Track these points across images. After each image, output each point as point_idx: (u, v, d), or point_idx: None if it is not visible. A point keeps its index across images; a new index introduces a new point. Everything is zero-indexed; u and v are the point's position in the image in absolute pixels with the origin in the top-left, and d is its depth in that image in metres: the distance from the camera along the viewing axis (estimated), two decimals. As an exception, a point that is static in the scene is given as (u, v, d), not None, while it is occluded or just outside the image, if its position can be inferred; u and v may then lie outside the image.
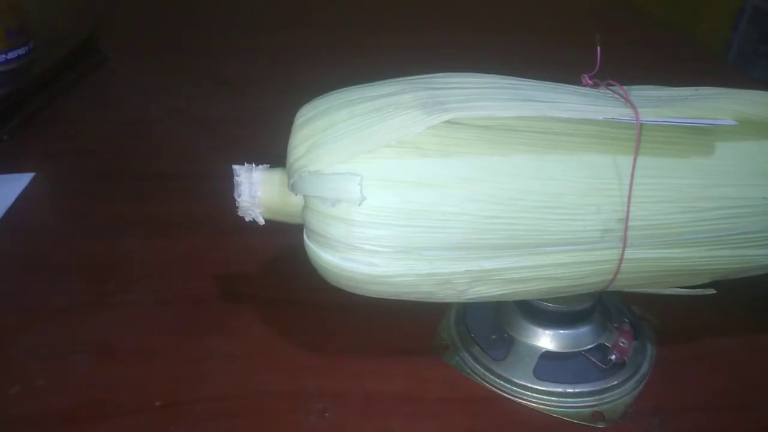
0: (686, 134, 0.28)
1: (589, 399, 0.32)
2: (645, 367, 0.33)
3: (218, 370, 0.33)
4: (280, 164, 0.30)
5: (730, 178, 0.28)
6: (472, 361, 0.33)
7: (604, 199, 0.27)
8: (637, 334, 0.34)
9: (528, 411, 0.31)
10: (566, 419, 0.31)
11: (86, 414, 0.31)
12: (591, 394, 0.32)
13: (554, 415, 0.31)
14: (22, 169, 0.50)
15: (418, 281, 0.27)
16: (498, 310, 0.35)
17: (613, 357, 0.32)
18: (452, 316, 0.36)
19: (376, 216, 0.26)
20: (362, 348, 0.35)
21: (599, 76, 0.30)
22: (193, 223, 0.45)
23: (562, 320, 0.33)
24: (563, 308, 0.32)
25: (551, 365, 0.32)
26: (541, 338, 0.33)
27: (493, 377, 0.32)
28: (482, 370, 0.33)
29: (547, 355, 0.32)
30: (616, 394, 0.32)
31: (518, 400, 0.32)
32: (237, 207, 0.30)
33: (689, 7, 0.86)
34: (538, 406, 0.31)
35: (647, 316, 0.37)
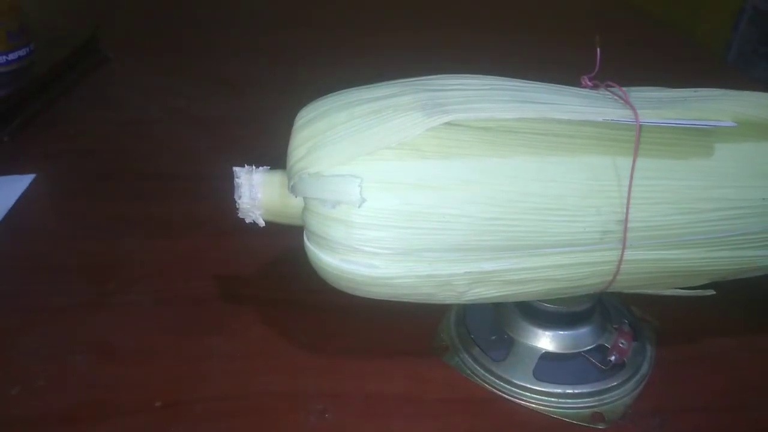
0: (685, 135, 0.28)
1: (589, 400, 0.32)
2: (645, 368, 0.33)
3: (218, 370, 0.33)
4: (280, 165, 0.30)
5: (730, 180, 0.28)
6: (472, 362, 0.33)
7: (603, 201, 0.27)
8: (636, 335, 0.34)
9: (528, 412, 0.31)
10: (566, 420, 0.31)
11: (86, 414, 0.31)
12: (591, 395, 0.32)
13: (554, 416, 0.31)
14: (23, 171, 0.50)
15: (418, 283, 0.27)
16: (498, 311, 0.35)
17: (613, 358, 0.32)
18: (452, 318, 0.36)
19: (376, 218, 0.26)
20: (362, 349, 0.35)
21: (599, 77, 0.30)
22: (193, 223, 0.45)
23: (561, 321, 0.33)
24: (563, 309, 0.32)
25: (551, 366, 0.32)
26: (540, 339, 0.33)
27: (493, 378, 0.32)
28: (482, 371, 0.33)
29: (547, 356, 0.32)
30: (616, 395, 0.32)
31: (518, 401, 0.32)
32: (237, 209, 0.30)
33: (689, 7, 0.86)
34: (537, 407, 0.31)
35: (647, 317, 0.37)
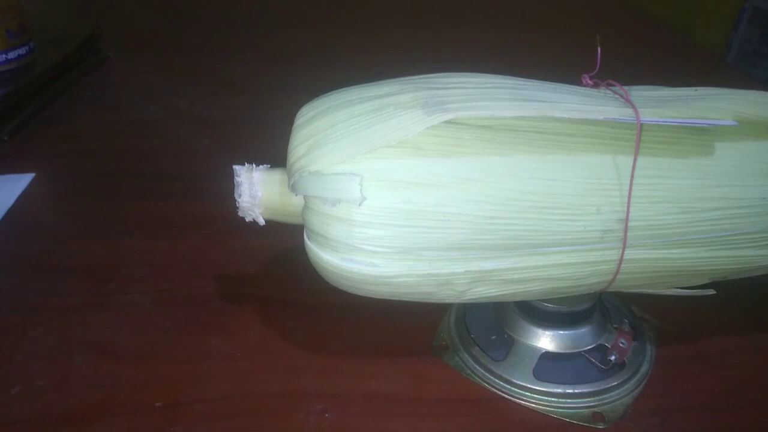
0: (686, 134, 0.28)
1: (589, 399, 0.32)
2: (645, 367, 0.33)
3: (218, 370, 0.33)
4: (280, 164, 0.30)
5: (730, 179, 0.28)
6: (471, 362, 0.33)
7: (604, 200, 0.27)
8: (636, 335, 0.34)
9: (528, 411, 0.31)
10: (566, 420, 0.31)
11: (86, 414, 0.31)
12: (591, 394, 0.32)
13: (554, 416, 0.31)
14: (23, 170, 0.50)
15: (418, 282, 0.27)
16: (498, 310, 0.35)
17: (613, 357, 0.32)
18: (452, 317, 0.36)
19: (376, 216, 0.26)
20: (362, 348, 0.35)
21: (599, 76, 0.30)
22: (193, 223, 0.45)
23: (561, 321, 0.33)
24: (563, 309, 0.32)
25: (551, 366, 0.32)
26: (540, 339, 0.33)
27: (492, 378, 0.32)
28: (482, 371, 0.33)
29: (547, 355, 0.32)
30: (616, 394, 0.32)
31: (518, 400, 0.32)
32: (237, 207, 0.30)
33: (689, 7, 0.86)
34: (537, 406, 0.31)
35: (647, 316, 0.37)
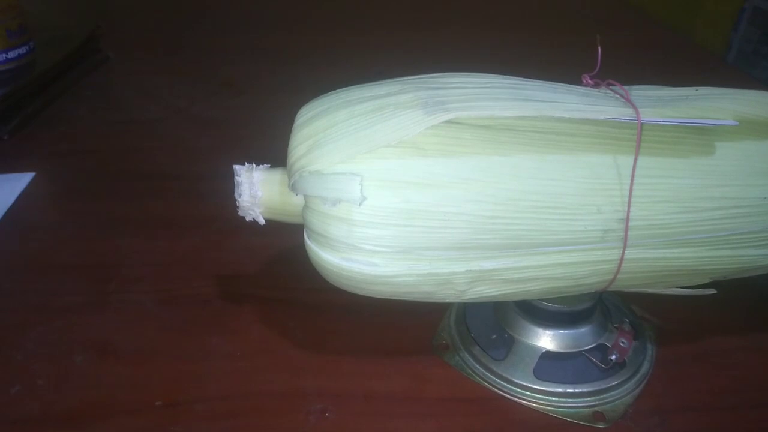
0: (687, 134, 0.28)
1: (590, 399, 0.32)
2: (645, 367, 0.33)
3: (218, 370, 0.33)
4: (280, 164, 0.30)
5: (731, 178, 0.28)
6: (472, 361, 0.33)
7: (604, 199, 0.27)
8: (637, 334, 0.34)
9: (528, 411, 0.31)
10: (566, 419, 0.31)
11: (86, 414, 0.31)
12: (591, 394, 0.32)
13: (554, 415, 0.31)
14: (23, 169, 0.50)
15: (418, 281, 0.27)
16: (498, 310, 0.35)
17: (614, 357, 0.32)
18: (452, 316, 0.36)
19: (376, 216, 0.26)
20: (362, 348, 0.35)
21: (600, 76, 0.30)
22: (193, 223, 0.45)
23: (562, 320, 0.33)
24: (563, 308, 0.32)
25: (551, 365, 0.32)
26: (541, 338, 0.33)
27: (493, 377, 0.32)
28: (482, 370, 0.33)
29: (548, 355, 0.32)
30: (617, 394, 0.32)
31: (518, 400, 0.32)
32: (237, 207, 0.30)
33: (689, 7, 0.86)
34: (538, 406, 0.31)
35: (647, 316, 0.37)
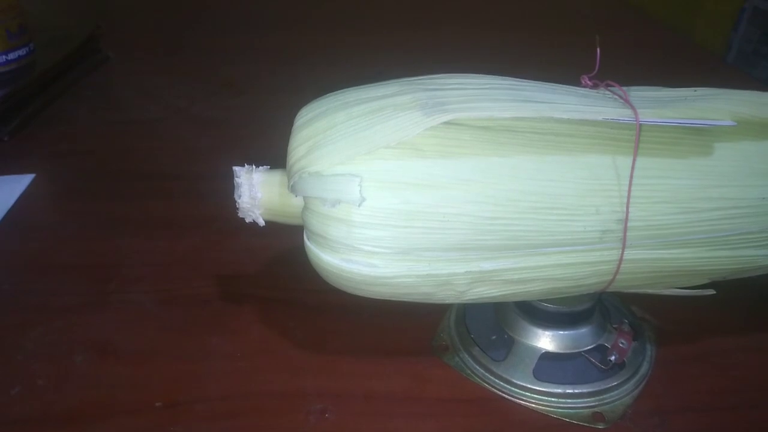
0: (685, 135, 0.28)
1: (589, 400, 0.32)
2: (645, 367, 0.33)
3: (218, 370, 0.33)
4: (280, 165, 0.30)
5: (729, 179, 0.28)
6: (471, 362, 0.33)
7: (603, 200, 0.27)
8: (636, 335, 0.34)
9: (528, 412, 0.31)
10: (566, 420, 0.31)
11: (86, 414, 0.31)
12: (591, 394, 0.32)
13: (554, 416, 0.31)
14: (23, 170, 0.50)
15: (417, 282, 0.27)
16: (498, 310, 0.35)
17: (613, 358, 0.32)
18: (452, 317, 0.36)
19: (375, 217, 0.26)
20: (362, 348, 0.35)
21: (599, 77, 0.30)
22: (193, 223, 0.45)
23: (561, 321, 0.33)
24: (563, 309, 0.32)
25: (551, 366, 0.32)
26: (540, 339, 0.33)
27: (492, 378, 0.32)
28: (482, 371, 0.33)
29: (547, 355, 0.32)
30: (616, 394, 0.32)
31: (518, 400, 0.32)
32: (237, 208, 0.30)
33: (689, 7, 0.86)
34: (537, 406, 0.31)
35: (647, 316, 0.37)
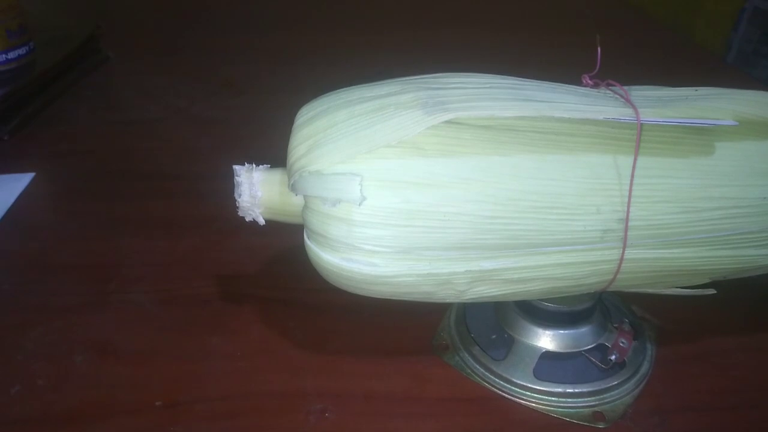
0: (686, 134, 0.28)
1: (589, 399, 0.32)
2: (645, 367, 0.33)
3: (218, 370, 0.33)
4: (280, 165, 0.30)
5: (730, 179, 0.28)
6: (472, 361, 0.33)
7: (604, 200, 0.27)
8: (637, 334, 0.34)
9: (528, 411, 0.31)
10: (566, 419, 0.31)
11: (86, 414, 0.31)
12: (591, 394, 0.32)
13: (554, 415, 0.31)
14: (23, 169, 0.50)
15: (418, 281, 0.27)
16: (498, 310, 0.35)
17: (613, 357, 0.32)
18: (452, 316, 0.36)
19: (376, 216, 0.26)
20: (362, 348, 0.35)
21: (599, 76, 0.30)
22: (193, 223, 0.45)
23: (562, 320, 0.33)
24: (563, 308, 0.32)
25: (551, 365, 0.32)
26: (541, 338, 0.33)
27: (493, 377, 0.32)
28: (482, 370, 0.33)
29: (547, 355, 0.32)
30: (616, 394, 0.32)
31: (518, 400, 0.32)
32: (237, 207, 0.30)
33: (689, 7, 0.86)
34: (538, 406, 0.31)
35: (647, 316, 0.37)
